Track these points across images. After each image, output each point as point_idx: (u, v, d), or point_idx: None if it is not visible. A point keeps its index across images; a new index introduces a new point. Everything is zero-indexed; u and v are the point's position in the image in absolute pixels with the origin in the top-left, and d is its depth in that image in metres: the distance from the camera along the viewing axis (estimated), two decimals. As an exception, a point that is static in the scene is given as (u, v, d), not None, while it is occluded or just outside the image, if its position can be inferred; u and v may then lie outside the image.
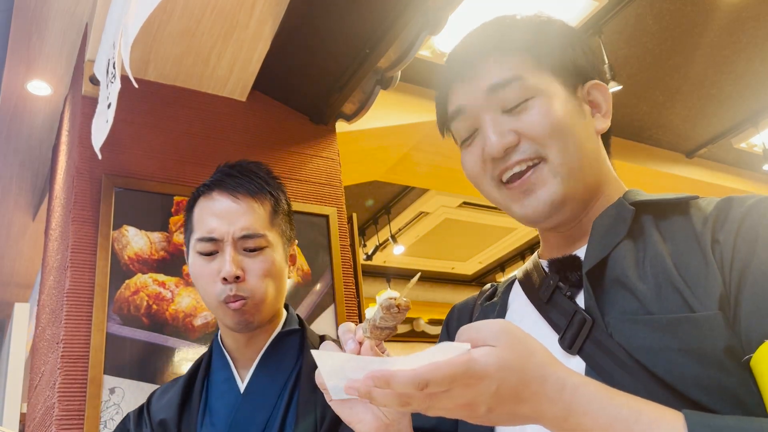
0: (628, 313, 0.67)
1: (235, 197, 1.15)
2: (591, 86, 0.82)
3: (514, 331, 0.58)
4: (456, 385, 0.54)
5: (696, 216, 0.72)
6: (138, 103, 2.28)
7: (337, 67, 2.40)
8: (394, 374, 0.54)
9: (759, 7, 3.23)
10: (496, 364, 0.55)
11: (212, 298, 1.12)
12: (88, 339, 1.88)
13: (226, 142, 2.41)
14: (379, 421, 0.73)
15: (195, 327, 2.03)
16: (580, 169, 0.77)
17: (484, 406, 0.56)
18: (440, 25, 2.16)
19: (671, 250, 0.70)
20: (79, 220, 2.03)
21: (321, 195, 2.50)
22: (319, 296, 2.29)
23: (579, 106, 0.80)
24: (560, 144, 0.76)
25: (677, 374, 0.62)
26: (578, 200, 0.78)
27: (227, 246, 1.11)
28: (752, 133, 4.28)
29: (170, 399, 1.17)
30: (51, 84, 2.68)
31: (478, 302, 0.93)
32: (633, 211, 0.74)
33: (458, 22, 2.80)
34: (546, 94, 0.78)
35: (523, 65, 0.79)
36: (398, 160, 3.68)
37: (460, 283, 7.39)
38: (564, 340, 0.71)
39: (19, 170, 3.29)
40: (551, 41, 0.81)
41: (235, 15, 2.17)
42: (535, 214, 0.78)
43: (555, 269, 0.78)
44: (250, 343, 1.16)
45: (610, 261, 0.72)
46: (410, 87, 3.42)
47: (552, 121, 0.76)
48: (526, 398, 0.56)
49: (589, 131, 0.80)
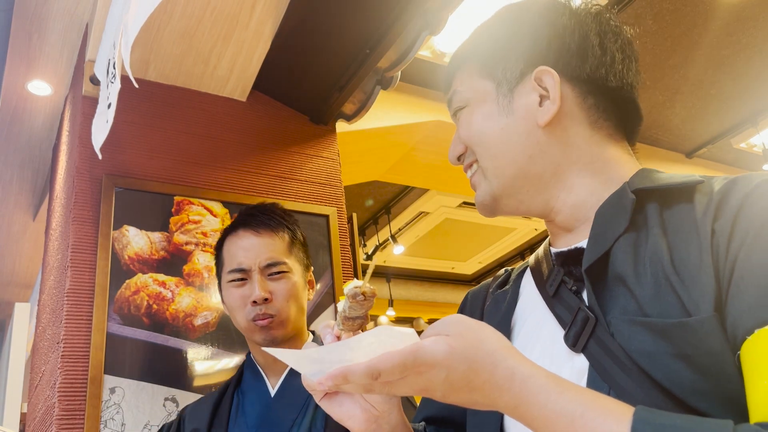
0: (628, 313, 0.66)
1: (258, 232, 1.35)
2: (538, 73, 0.78)
3: (467, 321, 0.59)
4: (408, 373, 0.56)
5: (699, 203, 0.67)
6: (138, 103, 2.28)
7: (337, 67, 2.40)
8: (349, 370, 0.56)
9: (759, 7, 3.23)
10: (444, 352, 0.56)
11: (242, 319, 1.31)
12: (88, 339, 1.88)
13: (226, 142, 2.42)
14: (369, 413, 0.74)
15: (195, 327, 2.03)
16: (504, 167, 0.80)
17: (438, 391, 0.57)
18: (440, 25, 2.16)
19: (672, 244, 0.66)
20: (80, 220, 2.03)
21: (321, 195, 2.51)
22: (319, 296, 2.29)
23: (506, 106, 0.79)
24: (482, 149, 0.81)
25: (675, 380, 0.60)
26: (518, 194, 0.80)
27: (254, 274, 1.31)
28: (752, 133, 4.28)
29: (202, 410, 1.34)
30: (51, 84, 2.68)
31: (490, 290, 0.92)
32: (633, 201, 0.71)
33: (458, 22, 2.80)
34: (477, 100, 0.82)
35: (467, 77, 0.84)
36: (398, 160, 3.68)
37: (460, 283, 7.39)
38: (568, 337, 0.70)
39: (20, 170, 3.29)
40: (492, 40, 0.83)
41: (236, 15, 2.18)
42: (481, 211, 0.85)
43: (560, 262, 0.77)
44: (278, 360, 1.30)
45: (612, 255, 0.70)
46: (410, 87, 3.42)
47: (472, 130, 0.82)
48: (477, 386, 0.57)
49: (518, 129, 0.78)
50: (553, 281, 0.76)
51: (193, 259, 2.11)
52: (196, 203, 2.21)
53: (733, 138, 4.35)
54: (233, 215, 2.24)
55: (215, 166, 2.34)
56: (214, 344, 2.03)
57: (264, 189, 2.40)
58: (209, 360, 2.01)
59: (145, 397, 1.88)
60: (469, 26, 0.94)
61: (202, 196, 2.23)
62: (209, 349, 2.02)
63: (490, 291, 0.92)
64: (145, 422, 1.86)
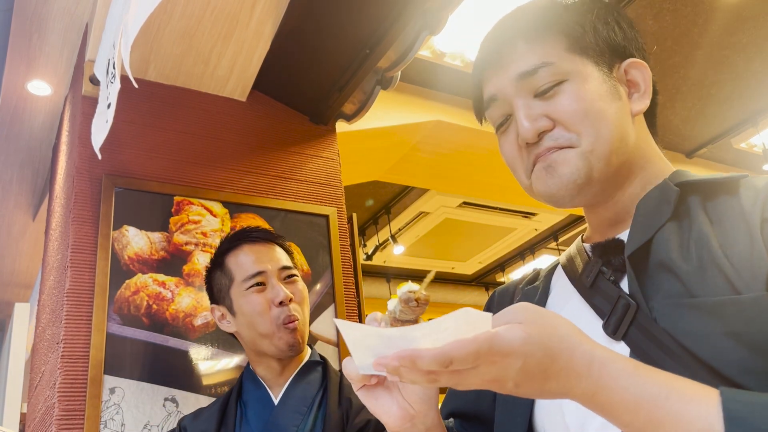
0: (673, 296, 0.65)
1: (263, 244, 1.40)
2: (628, 65, 0.79)
3: (536, 307, 0.57)
4: (481, 362, 0.53)
5: (745, 195, 0.69)
6: (138, 103, 2.28)
7: (337, 67, 2.40)
8: (420, 353, 0.53)
9: (759, 7, 3.23)
10: (521, 339, 0.53)
11: (269, 324, 1.31)
12: (88, 339, 1.88)
13: (227, 142, 2.41)
14: (405, 412, 0.71)
15: (195, 327, 2.03)
16: (610, 153, 0.75)
17: (511, 382, 0.54)
18: (440, 25, 2.16)
19: (717, 231, 0.67)
20: (79, 220, 2.03)
21: (321, 195, 2.50)
22: (319, 296, 2.29)
23: (614, 87, 0.78)
24: (593, 130, 0.75)
25: (724, 359, 0.60)
26: (606, 182, 0.77)
27: (272, 278, 1.34)
28: (752, 133, 4.27)
29: (207, 422, 1.34)
30: (51, 84, 2.68)
31: (519, 286, 0.91)
32: (677, 192, 0.72)
33: (458, 22, 2.80)
34: (578, 76, 0.76)
35: (552, 50, 0.78)
36: (398, 160, 3.68)
37: (460, 283, 7.38)
38: (608, 325, 0.69)
39: (19, 170, 3.29)
40: (582, 21, 0.79)
41: (236, 15, 2.17)
42: (559, 192, 0.76)
43: (598, 253, 0.77)
44: (282, 372, 1.34)
45: (654, 244, 0.70)
46: (410, 87, 3.42)
47: (585, 105, 0.75)
48: (553, 374, 0.54)
49: (624, 113, 0.77)
50: (590, 272, 0.75)
51: (193, 259, 2.11)
52: (196, 203, 2.21)
53: (733, 138, 4.35)
54: (233, 215, 2.24)
55: (215, 166, 2.34)
56: (214, 344, 2.03)
57: (264, 189, 2.39)
58: (209, 360, 2.01)
59: (145, 398, 1.88)
60: (469, 26, 0.90)
61: (202, 196, 2.23)
62: (209, 349, 2.02)
63: (519, 287, 0.91)
64: (145, 422, 1.85)
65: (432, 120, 3.39)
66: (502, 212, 5.64)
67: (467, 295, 7.51)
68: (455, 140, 3.55)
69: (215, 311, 1.42)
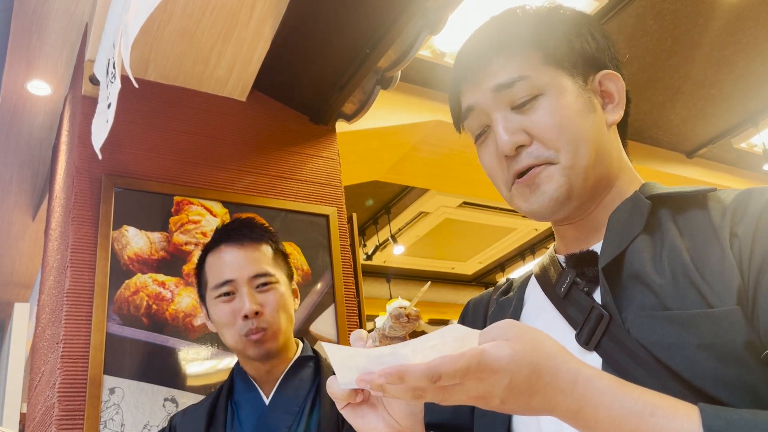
0: (646, 308, 0.67)
1: (242, 245, 1.31)
2: (602, 76, 0.80)
3: (521, 324, 0.58)
4: (469, 379, 0.53)
5: (714, 209, 0.70)
6: (138, 103, 2.28)
7: (337, 67, 2.40)
8: (408, 369, 0.53)
9: (759, 7, 3.23)
10: (509, 356, 0.54)
11: (234, 334, 1.27)
12: (88, 339, 1.88)
13: (226, 142, 2.41)
14: (392, 428, 0.72)
15: (195, 327, 2.03)
16: (588, 168, 0.76)
17: (497, 398, 0.55)
18: (440, 25, 2.16)
19: (689, 245, 0.69)
20: (79, 220, 2.03)
21: (321, 195, 2.50)
22: (319, 296, 2.29)
23: (589, 99, 0.78)
24: (571, 146, 0.75)
25: (696, 370, 0.61)
26: (586, 195, 0.78)
27: (242, 286, 1.28)
28: (752, 133, 4.27)
29: (196, 421, 1.30)
30: (51, 84, 2.68)
31: (493, 297, 0.91)
32: (649, 205, 0.73)
33: (458, 22, 2.80)
34: (554, 89, 0.77)
35: (527, 63, 0.78)
36: (398, 160, 3.68)
37: (460, 283, 7.38)
38: (581, 335, 0.70)
39: (19, 170, 3.29)
40: (556, 33, 0.80)
41: (235, 15, 2.17)
42: (540, 209, 0.77)
43: (572, 264, 0.78)
44: (271, 371, 1.31)
45: (627, 256, 0.71)
46: (410, 87, 3.42)
47: (562, 121, 0.76)
48: (539, 390, 0.55)
49: (600, 124, 0.78)
50: (564, 284, 0.76)
51: (193, 259, 2.11)
52: (196, 203, 2.21)
53: (733, 138, 4.35)
54: (233, 215, 2.24)
55: (215, 166, 2.34)
56: (214, 344, 2.03)
57: (264, 189, 2.39)
58: (209, 360, 2.01)
59: (145, 398, 1.88)
60: (469, 26, 0.89)
61: (201, 196, 2.23)
62: (209, 349, 2.02)
63: (493, 298, 0.92)
64: (145, 422, 1.85)
65: (432, 120, 3.39)
66: (502, 212, 5.64)
67: (467, 295, 7.51)
68: (455, 140, 3.53)
69: (202, 309, 1.38)
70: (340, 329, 2.26)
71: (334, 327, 2.25)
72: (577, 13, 0.83)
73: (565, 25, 0.81)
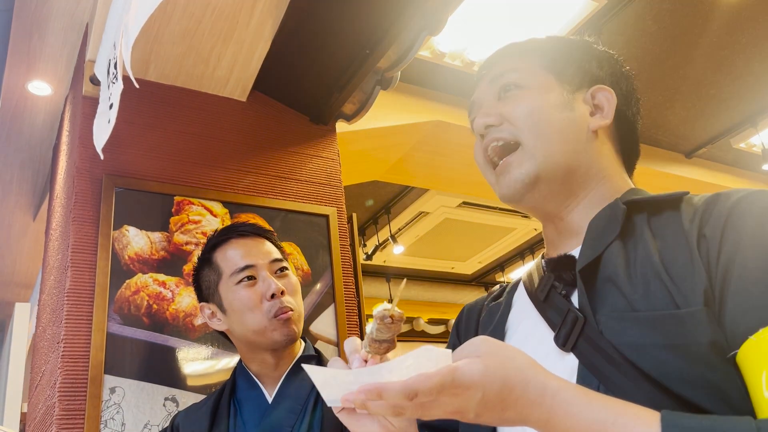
0: (618, 310, 0.69)
1: (252, 238, 1.35)
2: (596, 89, 0.87)
3: (493, 340, 0.61)
4: (444, 395, 0.57)
5: (686, 212, 0.73)
6: (138, 103, 2.29)
7: (337, 67, 2.40)
8: (386, 386, 0.57)
9: (758, 7, 3.23)
10: (480, 372, 0.57)
11: (260, 317, 1.26)
12: (88, 339, 1.88)
13: (226, 142, 2.42)
14: (387, 430, 0.75)
15: (195, 327, 2.03)
16: (554, 153, 0.82)
17: (472, 412, 0.58)
18: (440, 26, 2.16)
19: (660, 246, 0.71)
20: (80, 219, 2.03)
21: (321, 195, 2.51)
22: (319, 296, 2.30)
23: (569, 102, 0.85)
24: (536, 130, 0.82)
25: (663, 370, 0.63)
26: (555, 183, 0.82)
27: (262, 271, 1.29)
28: (751, 134, 4.28)
29: (199, 419, 1.30)
30: (51, 84, 2.68)
31: (486, 303, 0.95)
32: (624, 210, 0.77)
33: (458, 22, 2.80)
34: (537, 86, 0.85)
35: (524, 63, 0.87)
36: (398, 160, 3.68)
37: (460, 282, 7.38)
38: (558, 337, 0.73)
39: (20, 170, 3.29)
40: (560, 47, 0.90)
41: (235, 15, 2.18)
42: (509, 192, 0.84)
43: (551, 268, 0.81)
44: (276, 367, 1.30)
45: (603, 260, 0.74)
46: (410, 87, 3.42)
47: (532, 108, 0.83)
48: (510, 403, 0.58)
49: (575, 124, 0.84)
50: (544, 287, 0.79)
51: (193, 259, 2.11)
52: (196, 203, 2.22)
53: (732, 138, 4.35)
54: (233, 215, 2.25)
55: (215, 166, 2.34)
56: (214, 344, 2.03)
57: (264, 189, 2.40)
58: (209, 360, 2.01)
59: (145, 397, 1.88)
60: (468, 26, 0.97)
61: (202, 196, 2.24)
62: (209, 349, 2.02)
63: (485, 304, 0.95)
64: (145, 422, 1.86)
65: (432, 120, 3.39)
66: (502, 212, 5.64)
67: (467, 295, 7.51)
68: (455, 140, 3.55)
69: (204, 309, 1.36)
70: (340, 329, 2.26)
71: (334, 327, 2.26)
72: (586, 42, 0.93)
73: (572, 44, 0.91)
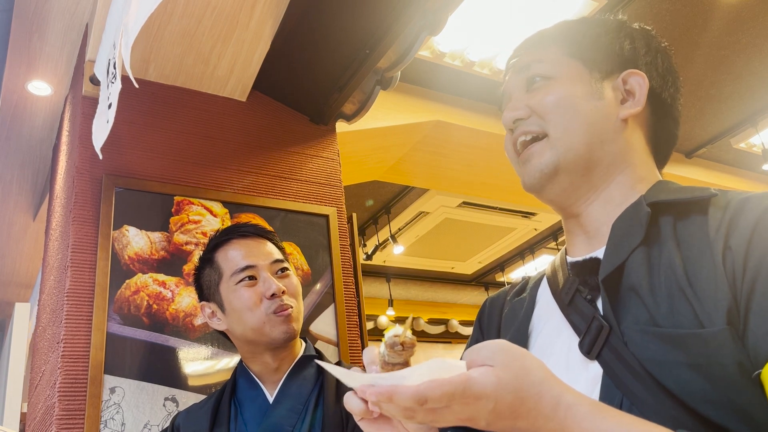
0: (641, 323, 0.68)
1: (253, 238, 1.37)
2: (627, 74, 0.84)
3: (512, 349, 0.60)
4: (454, 403, 0.57)
5: (713, 218, 0.70)
6: (138, 103, 2.29)
7: (337, 67, 2.40)
8: (397, 390, 0.57)
9: (759, 7, 3.23)
10: (493, 384, 0.57)
11: (259, 315, 1.28)
12: (88, 339, 1.88)
13: (226, 142, 2.42)
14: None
15: (195, 327, 2.03)
16: (579, 145, 0.80)
17: (483, 421, 0.58)
18: (440, 26, 2.16)
19: (684, 255, 0.69)
20: (80, 219, 2.03)
21: (321, 195, 2.51)
22: (319, 296, 2.30)
23: (599, 90, 0.83)
24: (563, 122, 0.81)
25: (686, 389, 0.62)
26: (577, 174, 0.81)
27: (263, 271, 1.31)
28: (751, 134, 4.28)
29: (199, 419, 1.31)
30: (51, 84, 2.68)
31: (508, 297, 0.94)
32: (648, 214, 0.74)
33: (458, 22, 2.80)
34: (565, 76, 0.83)
35: (551, 53, 0.86)
36: (398, 160, 3.68)
37: (460, 282, 7.38)
38: (583, 344, 0.72)
39: (20, 170, 3.29)
40: (586, 31, 0.87)
41: (236, 15, 2.18)
42: (530, 181, 0.83)
43: (576, 272, 0.79)
44: (277, 368, 1.31)
45: (627, 267, 0.72)
46: (410, 87, 3.42)
47: (559, 98, 0.82)
48: (522, 415, 0.58)
49: (604, 113, 0.82)
50: (569, 290, 0.78)
51: (193, 259, 2.11)
52: (196, 203, 2.22)
53: (732, 138, 4.35)
54: (233, 215, 2.25)
55: (215, 166, 2.34)
56: (214, 344, 2.03)
57: (264, 189, 2.40)
58: (209, 360, 2.01)
59: (145, 397, 1.88)
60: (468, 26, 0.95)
61: (202, 196, 2.24)
62: (209, 348, 2.02)
63: (507, 299, 0.93)
64: (145, 422, 1.86)
65: (432, 120, 3.39)
66: (502, 212, 5.64)
67: (467, 294, 7.51)
68: (455, 140, 3.56)
69: (205, 309, 1.37)
70: (340, 329, 2.26)
71: (334, 327, 2.26)
72: (614, 21, 0.89)
73: (600, 27, 0.87)
